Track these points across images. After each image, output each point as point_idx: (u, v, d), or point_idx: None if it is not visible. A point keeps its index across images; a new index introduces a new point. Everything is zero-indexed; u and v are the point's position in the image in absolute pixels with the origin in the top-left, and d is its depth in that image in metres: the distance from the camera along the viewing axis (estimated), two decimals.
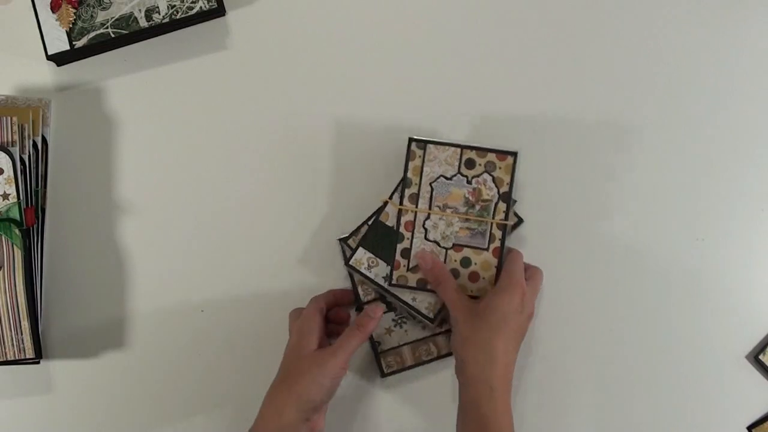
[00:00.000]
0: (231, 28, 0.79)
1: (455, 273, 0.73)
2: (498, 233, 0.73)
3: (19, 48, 0.78)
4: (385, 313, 0.75)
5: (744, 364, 0.77)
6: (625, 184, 0.78)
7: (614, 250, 0.78)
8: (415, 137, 0.73)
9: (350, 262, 0.74)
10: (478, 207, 0.73)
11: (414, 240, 0.73)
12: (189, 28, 0.79)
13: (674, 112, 0.79)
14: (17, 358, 0.73)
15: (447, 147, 0.73)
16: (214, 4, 0.76)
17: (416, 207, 0.73)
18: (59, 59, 0.77)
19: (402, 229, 0.73)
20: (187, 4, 0.76)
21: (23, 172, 0.73)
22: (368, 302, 0.75)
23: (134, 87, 0.79)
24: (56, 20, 0.76)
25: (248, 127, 0.78)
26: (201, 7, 0.76)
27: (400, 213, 0.73)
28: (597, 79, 0.79)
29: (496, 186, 0.73)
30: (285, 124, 0.78)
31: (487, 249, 0.73)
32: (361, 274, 0.74)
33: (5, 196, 0.72)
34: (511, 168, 0.73)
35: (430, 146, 0.73)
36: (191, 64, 0.79)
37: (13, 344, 0.72)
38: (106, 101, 0.79)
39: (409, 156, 0.73)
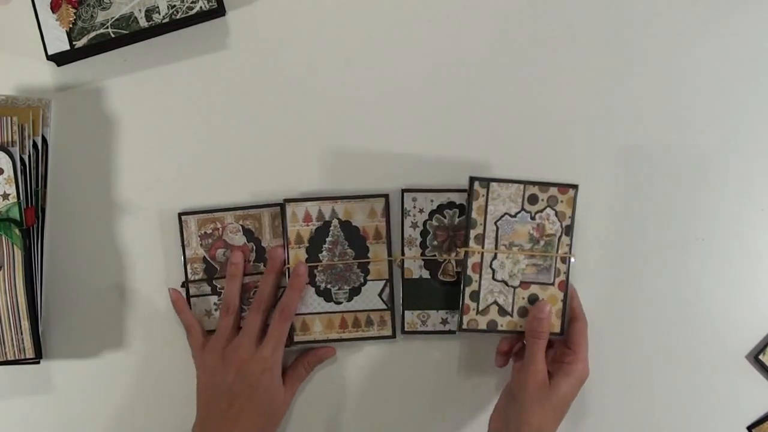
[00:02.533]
0: (231, 28, 0.79)
1: (523, 311, 0.72)
2: (562, 267, 0.72)
3: (19, 48, 0.78)
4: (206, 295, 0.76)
5: (744, 364, 0.77)
6: (624, 184, 0.78)
7: (613, 249, 0.78)
8: (477, 176, 0.72)
9: (406, 329, 0.75)
10: (542, 242, 0.72)
11: (482, 281, 0.72)
12: (189, 28, 0.79)
13: (673, 112, 0.79)
14: (17, 358, 0.73)
15: (510, 184, 0.72)
16: (214, 4, 0.76)
17: (483, 248, 0.72)
18: (59, 59, 0.77)
19: (470, 272, 0.72)
20: (187, 4, 0.76)
21: (23, 172, 0.73)
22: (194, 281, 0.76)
23: (134, 87, 0.79)
24: (56, 20, 0.76)
25: (248, 127, 0.78)
26: (201, 7, 0.76)
27: (466, 255, 0.72)
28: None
29: (559, 220, 0.72)
30: (285, 124, 0.78)
31: (552, 284, 0.72)
32: (421, 332, 0.75)
33: (5, 196, 0.72)
34: (573, 201, 0.72)
35: (494, 184, 0.72)
36: (191, 64, 0.79)
37: (13, 344, 0.72)
38: (106, 101, 0.79)
39: (472, 196, 0.72)
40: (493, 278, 0.72)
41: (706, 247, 0.78)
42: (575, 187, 0.72)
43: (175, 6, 0.76)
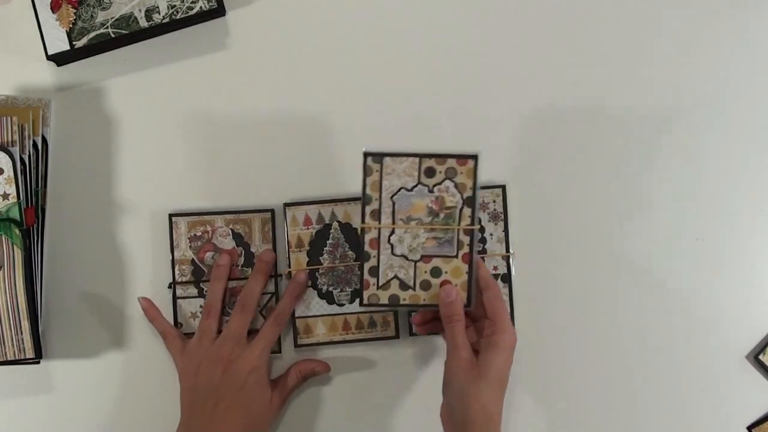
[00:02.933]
0: (231, 28, 0.79)
1: (426, 284, 0.71)
2: (465, 239, 0.71)
3: (19, 48, 0.78)
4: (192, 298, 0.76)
5: (744, 364, 0.77)
6: (624, 184, 0.78)
7: (613, 250, 0.78)
8: (370, 151, 0.71)
9: (414, 332, 0.76)
10: (442, 215, 0.71)
11: (381, 257, 0.71)
12: (189, 28, 0.79)
13: (672, 112, 0.79)
14: (17, 358, 0.73)
15: (404, 158, 0.71)
16: (214, 4, 0.76)
17: (379, 223, 0.71)
18: (59, 59, 0.77)
19: (367, 248, 0.71)
20: (187, 4, 0.76)
21: (23, 172, 0.73)
22: (181, 282, 0.76)
23: (134, 87, 0.79)
24: (56, 20, 0.76)
25: (248, 127, 0.78)
26: (201, 7, 0.76)
27: (363, 231, 0.71)
28: (585, 76, 0.80)
29: (459, 192, 0.71)
30: (285, 124, 0.78)
31: (456, 256, 0.71)
32: (431, 332, 0.76)
33: (5, 196, 0.72)
34: (473, 172, 0.71)
35: (387, 159, 0.71)
36: (191, 64, 0.79)
37: (13, 344, 0.72)
38: (106, 101, 0.79)
39: (366, 172, 0.71)
40: (392, 253, 0.71)
41: (706, 247, 0.78)
42: (474, 157, 0.71)
43: (175, 6, 0.76)
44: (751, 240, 0.78)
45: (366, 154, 0.71)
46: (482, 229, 0.77)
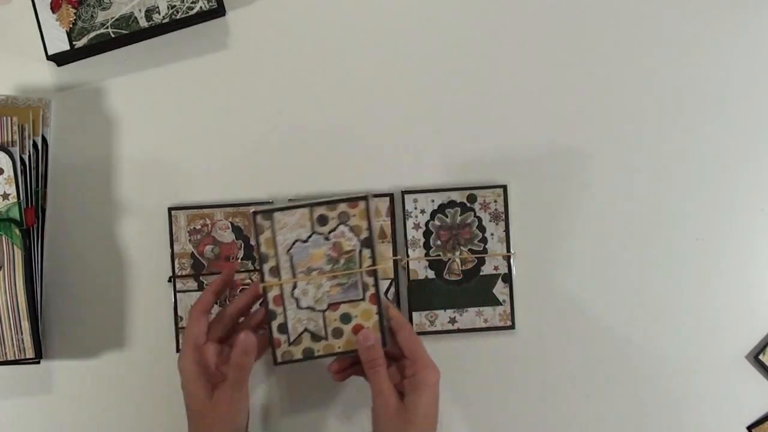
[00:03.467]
0: (231, 28, 0.79)
1: (338, 331, 0.70)
2: (370, 280, 0.70)
3: (19, 48, 0.78)
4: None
5: (744, 364, 0.77)
6: (624, 184, 0.78)
7: (613, 250, 0.78)
8: (258, 209, 0.68)
9: (414, 331, 0.74)
10: (342, 261, 0.70)
11: (288, 312, 0.70)
12: (189, 28, 0.79)
13: (672, 112, 0.79)
14: (17, 358, 0.73)
15: (294, 210, 0.69)
16: (214, 4, 0.76)
17: (279, 280, 0.69)
18: (59, 59, 0.77)
19: (272, 306, 0.69)
20: (187, 4, 0.76)
21: (23, 172, 0.73)
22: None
23: (134, 87, 0.79)
24: (56, 20, 0.76)
25: (248, 127, 0.78)
26: (201, 7, 0.76)
27: (265, 291, 0.69)
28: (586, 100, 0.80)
29: (355, 235, 0.70)
30: (284, 124, 0.78)
31: (363, 299, 0.70)
32: (430, 332, 0.76)
33: (5, 196, 0.72)
34: (366, 213, 0.69)
35: (277, 214, 0.68)
36: (191, 64, 0.79)
37: (13, 344, 0.72)
38: (106, 101, 0.79)
39: (257, 230, 0.68)
40: (298, 307, 0.70)
41: (706, 246, 0.78)
42: (365, 198, 0.69)
43: (175, 6, 0.76)
44: (751, 240, 0.78)
45: (254, 213, 0.69)
46: (482, 230, 0.77)
